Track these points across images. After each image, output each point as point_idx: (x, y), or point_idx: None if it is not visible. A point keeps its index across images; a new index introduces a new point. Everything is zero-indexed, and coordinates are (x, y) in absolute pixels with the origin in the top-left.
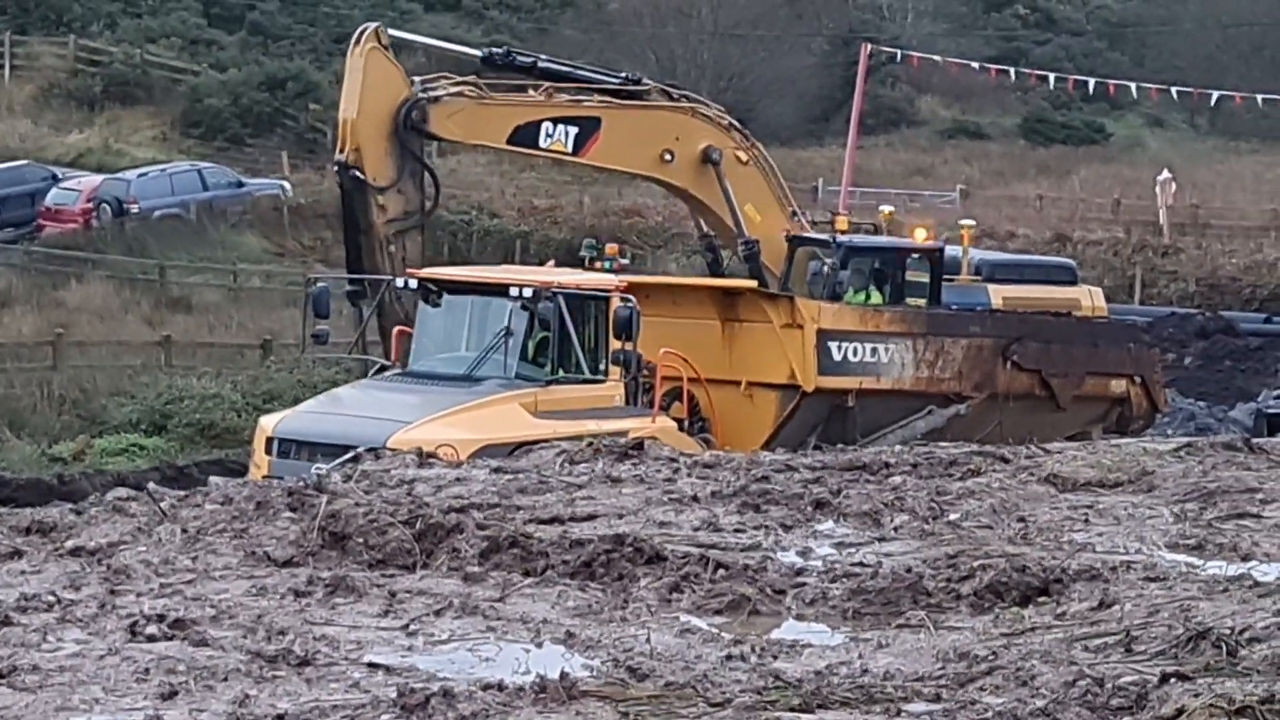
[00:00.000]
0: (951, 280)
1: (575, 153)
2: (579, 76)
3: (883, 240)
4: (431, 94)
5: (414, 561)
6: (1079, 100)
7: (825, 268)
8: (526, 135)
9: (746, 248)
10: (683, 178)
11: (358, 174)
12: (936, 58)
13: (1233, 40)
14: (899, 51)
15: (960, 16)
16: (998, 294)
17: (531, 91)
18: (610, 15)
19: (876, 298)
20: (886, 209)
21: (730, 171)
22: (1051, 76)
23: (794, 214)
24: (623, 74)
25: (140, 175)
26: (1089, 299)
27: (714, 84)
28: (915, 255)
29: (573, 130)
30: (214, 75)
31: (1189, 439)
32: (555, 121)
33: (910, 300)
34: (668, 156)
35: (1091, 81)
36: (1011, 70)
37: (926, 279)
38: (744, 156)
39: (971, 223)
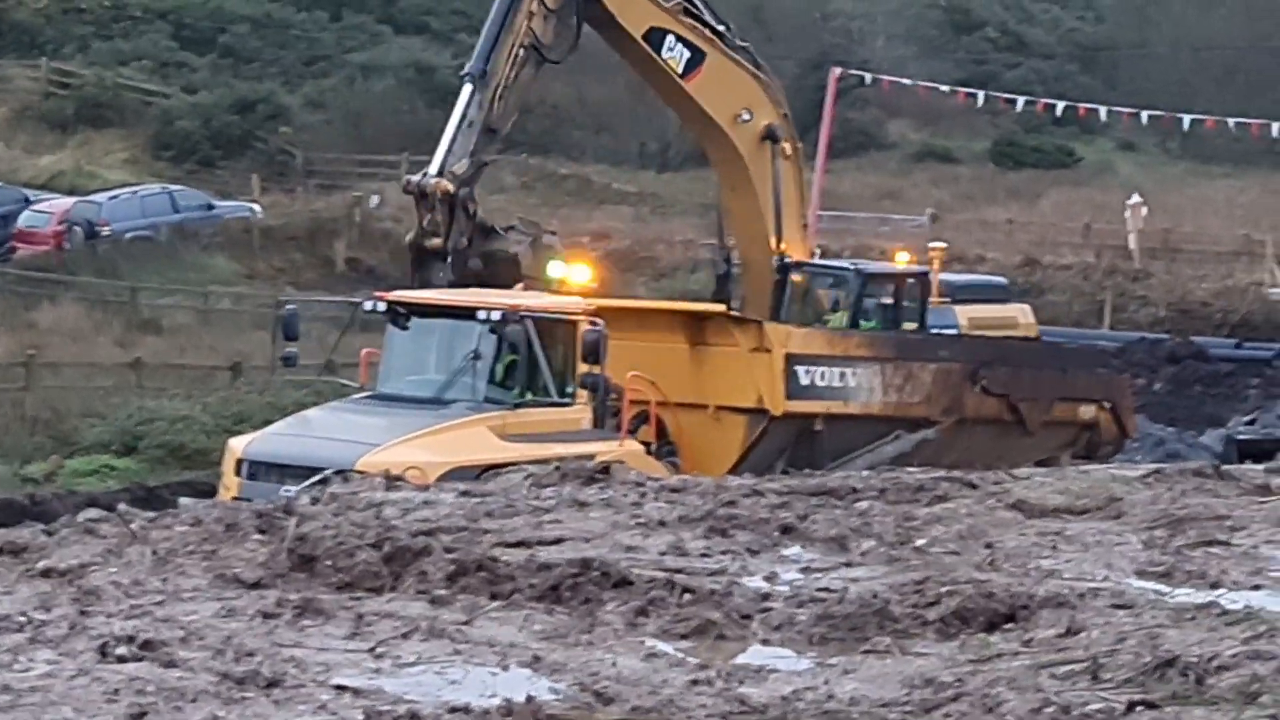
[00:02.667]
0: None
1: (683, 75)
2: (702, 6)
3: (894, 268)
4: None
5: (382, 584)
6: (1049, 124)
7: (842, 295)
8: (655, 38)
9: (780, 260)
10: (747, 146)
11: None
12: (906, 81)
13: (1205, 64)
14: (869, 75)
15: (930, 40)
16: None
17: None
18: (580, 38)
19: (836, 319)
20: (938, 245)
21: (780, 160)
22: (1021, 100)
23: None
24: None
25: (111, 197)
26: (1024, 317)
27: None
28: (910, 280)
29: (686, 53)
30: (185, 98)
31: (1158, 465)
32: (677, 38)
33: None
34: (745, 117)
35: (1061, 105)
36: (981, 94)
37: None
38: (789, 150)
39: (943, 245)
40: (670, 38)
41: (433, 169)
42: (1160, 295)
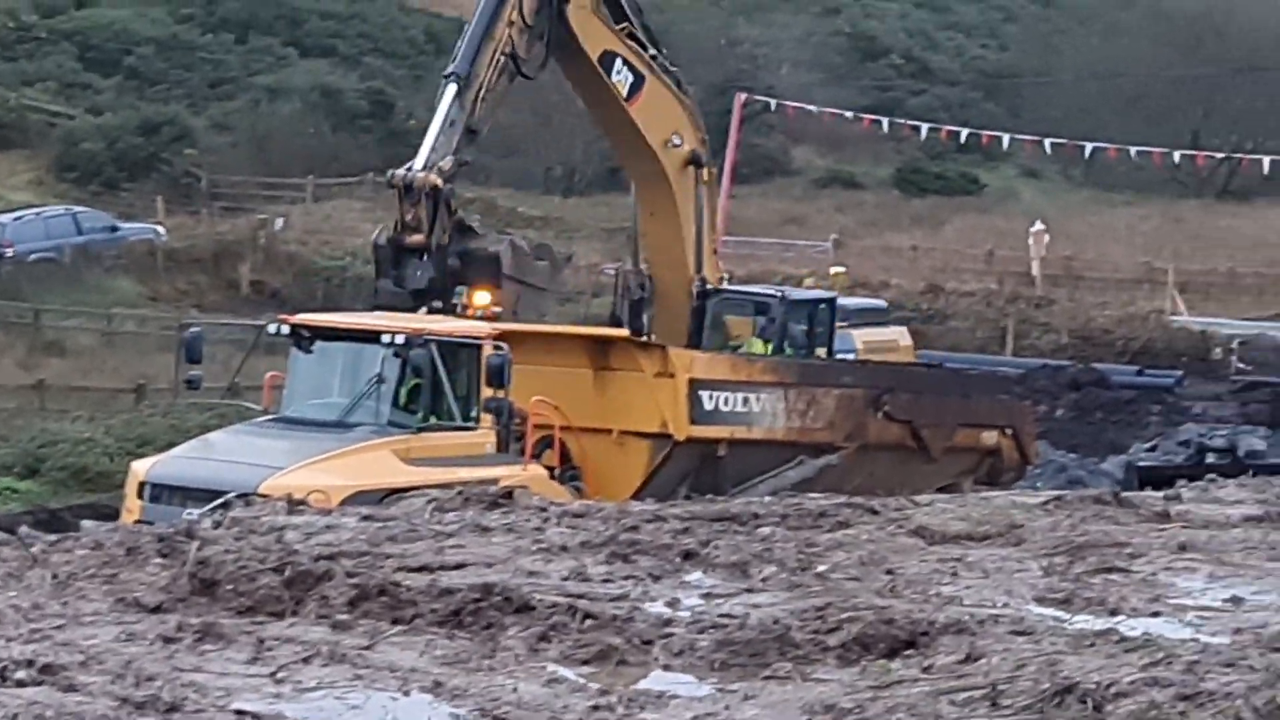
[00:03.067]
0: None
1: (627, 99)
2: (644, 29)
3: (813, 294)
4: None
5: (283, 609)
6: (953, 151)
7: (766, 321)
8: (606, 61)
9: (700, 286)
10: (674, 170)
11: None
12: (811, 107)
13: (1107, 92)
14: (774, 101)
15: (835, 67)
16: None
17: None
18: None
19: (760, 345)
20: (838, 269)
21: (700, 185)
22: (925, 127)
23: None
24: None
25: (15, 219)
26: (903, 339)
27: (589, 131)
28: (823, 306)
29: (630, 77)
30: (90, 119)
31: (1058, 492)
32: (624, 61)
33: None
34: (675, 141)
35: (965, 132)
36: (886, 120)
37: (806, 327)
38: (707, 176)
39: (843, 268)
40: (619, 61)
41: (418, 164)
42: (1063, 322)
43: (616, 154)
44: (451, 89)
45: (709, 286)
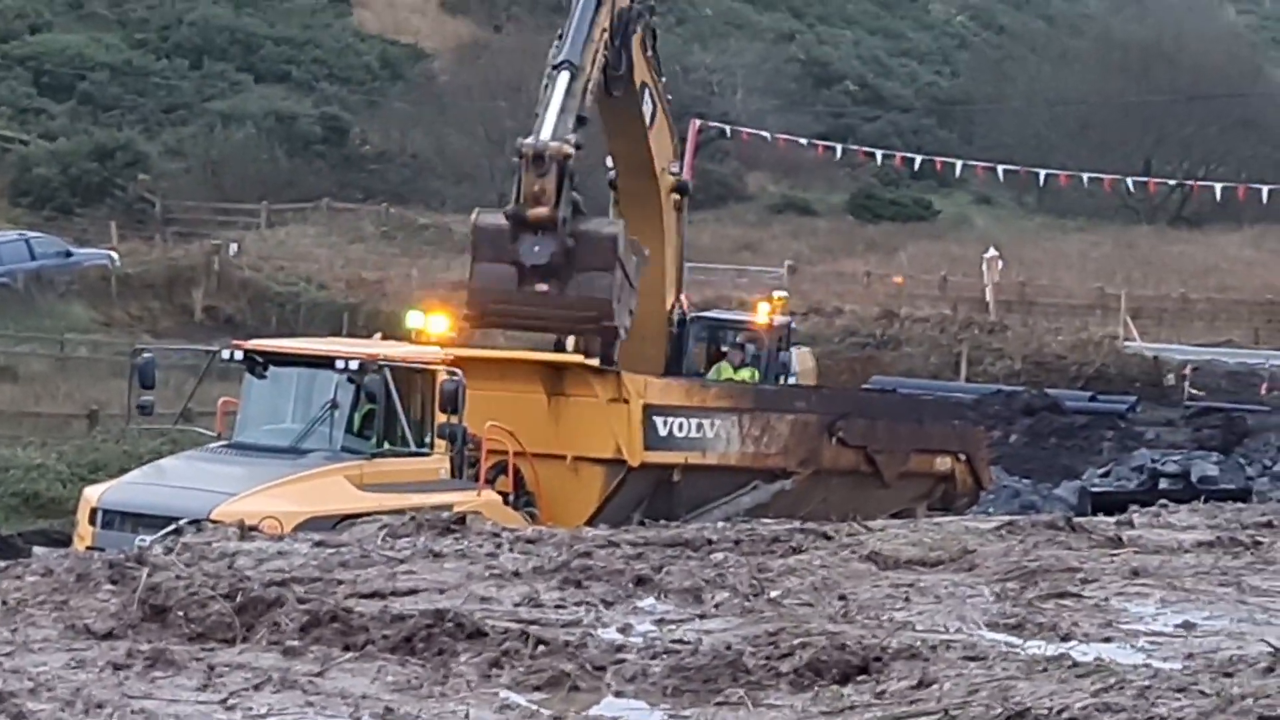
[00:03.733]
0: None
1: (649, 124)
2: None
3: (783, 320)
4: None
5: (234, 635)
6: (907, 177)
7: (751, 348)
8: (642, 91)
9: (681, 313)
10: (665, 197)
11: None
12: (765, 134)
13: (1059, 119)
14: (728, 127)
15: (790, 93)
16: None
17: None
18: (441, 88)
19: (746, 373)
20: (781, 294)
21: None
22: (879, 153)
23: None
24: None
25: None
26: (806, 361)
27: None
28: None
29: (651, 107)
30: (43, 144)
31: (1010, 518)
32: (651, 92)
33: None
34: (674, 169)
35: (919, 159)
36: (840, 147)
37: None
38: (681, 208)
39: (784, 293)
40: (649, 91)
41: (544, 135)
42: (1016, 348)
43: (622, 182)
44: (565, 75)
45: (690, 314)
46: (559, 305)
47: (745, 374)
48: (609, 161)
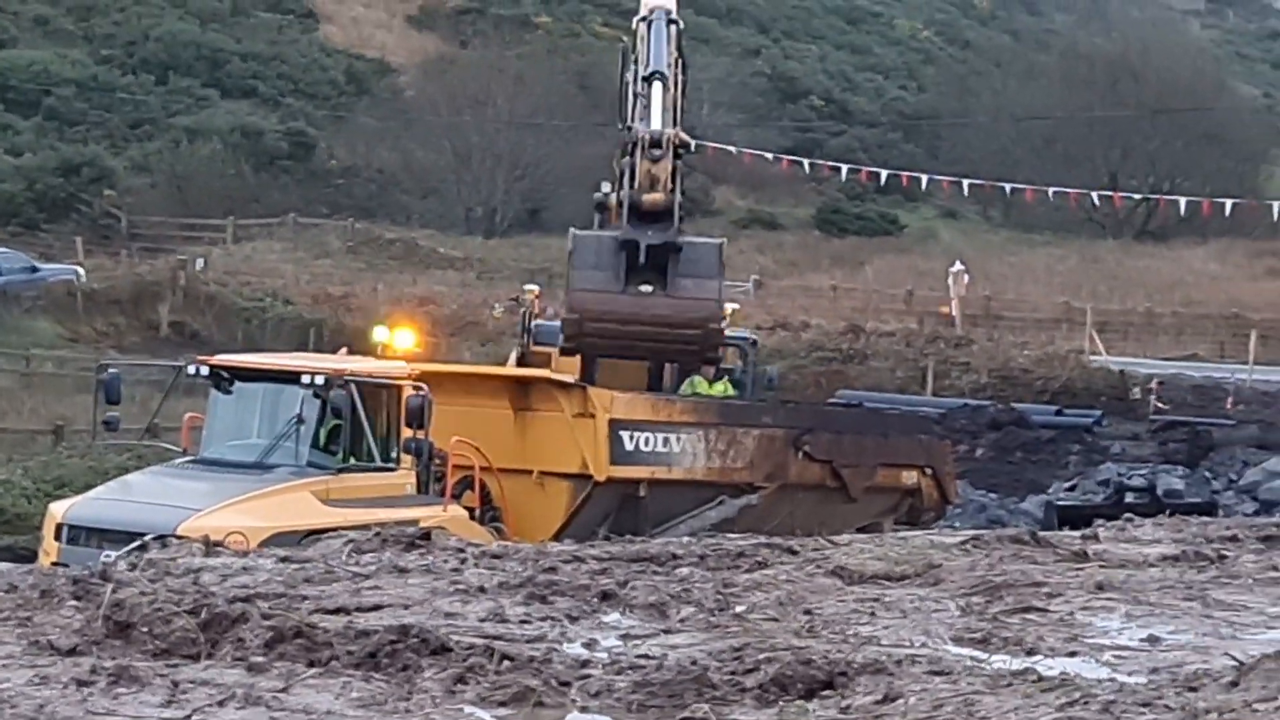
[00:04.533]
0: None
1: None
2: None
3: (743, 334)
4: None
5: (198, 651)
6: (873, 192)
7: (749, 365)
8: None
9: None
10: None
11: None
12: (731, 148)
13: (1025, 133)
14: (694, 141)
15: (756, 108)
16: None
17: None
18: (406, 103)
19: (720, 387)
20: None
21: None
22: (845, 168)
23: None
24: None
25: None
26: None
27: (510, 172)
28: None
29: None
30: (9, 160)
31: (976, 532)
32: None
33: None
34: None
35: (885, 173)
36: (806, 161)
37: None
38: None
39: (736, 306)
40: None
41: (656, 124)
42: (982, 362)
43: None
44: (658, 85)
45: None
46: (664, 306)
47: (720, 388)
48: (604, 186)
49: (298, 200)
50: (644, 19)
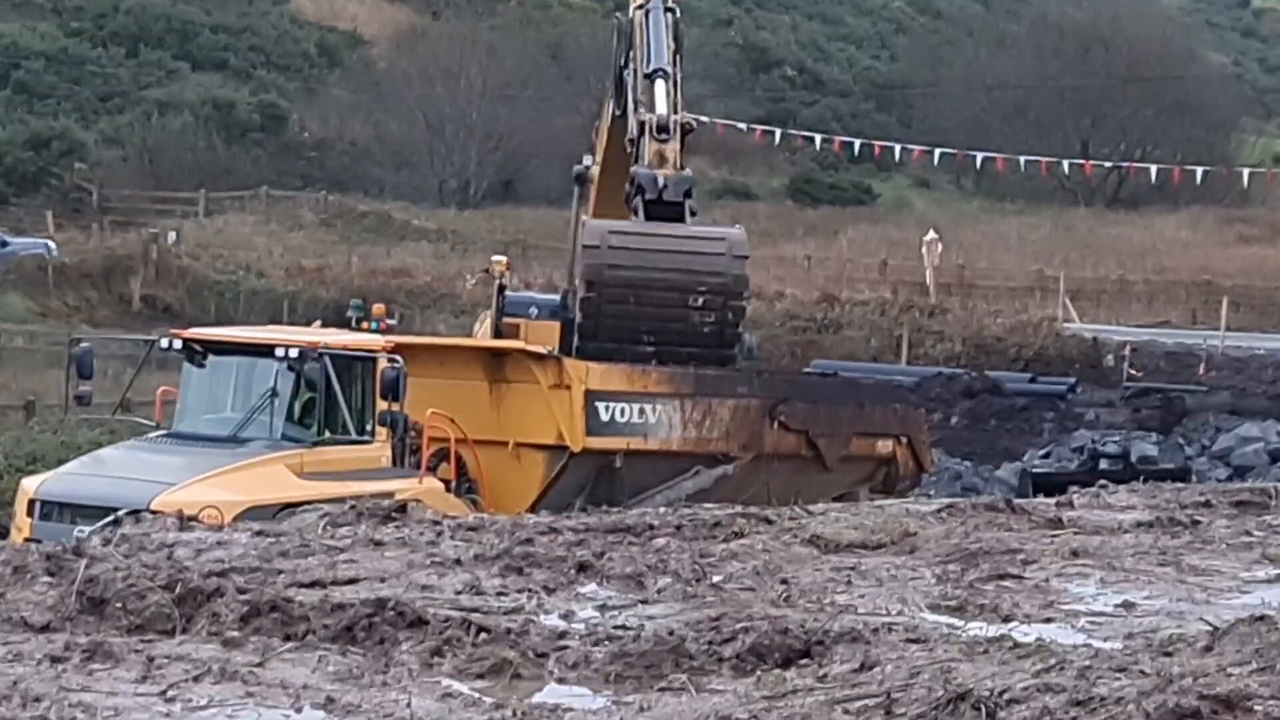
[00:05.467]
0: None
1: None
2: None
3: None
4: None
5: (173, 626)
6: (846, 161)
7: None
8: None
9: None
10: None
11: None
12: (705, 119)
13: (997, 102)
14: (697, 119)
15: (728, 78)
16: None
17: None
18: (379, 75)
19: None
20: None
21: None
22: (818, 138)
23: None
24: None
25: None
26: None
27: (483, 145)
28: None
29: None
30: None
31: (951, 500)
32: None
33: None
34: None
35: (858, 143)
36: (779, 131)
37: None
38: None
39: None
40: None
41: (662, 110)
42: (956, 330)
43: (604, 179)
44: (660, 83)
45: None
46: (689, 237)
47: None
48: (586, 159)
49: (270, 173)
50: (641, 7)
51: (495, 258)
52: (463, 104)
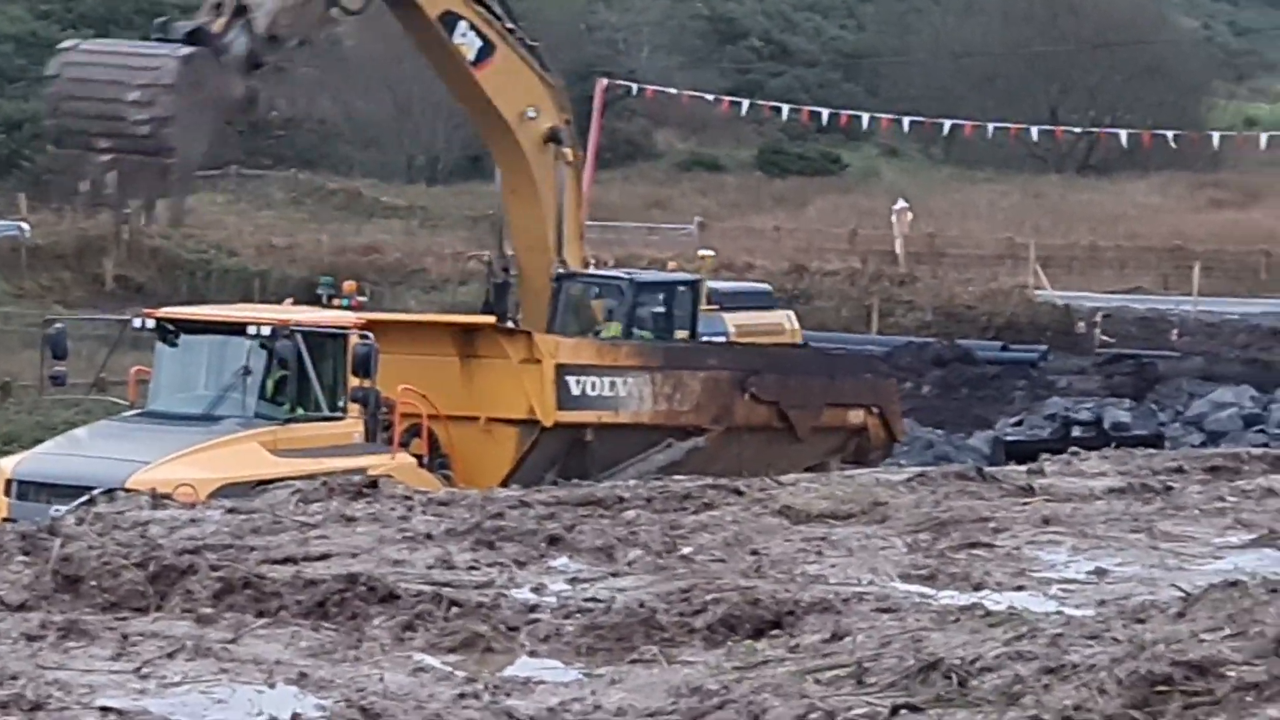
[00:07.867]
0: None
1: (474, 64)
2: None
3: (667, 276)
4: None
5: (147, 604)
6: (814, 131)
7: (616, 305)
8: (449, 22)
9: (558, 269)
10: (531, 146)
11: None
12: (672, 90)
13: (965, 70)
14: (635, 85)
15: (695, 50)
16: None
17: None
18: (346, 53)
19: (615, 330)
20: (706, 252)
21: (562, 165)
22: (786, 108)
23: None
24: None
25: None
26: (789, 323)
27: (449, 121)
28: (682, 288)
29: (478, 42)
30: None
31: (921, 469)
32: (470, 24)
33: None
34: (530, 114)
35: (825, 112)
36: (746, 102)
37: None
38: (571, 157)
39: (710, 252)
40: (463, 23)
41: None
42: (926, 299)
43: (475, 128)
44: None
45: (562, 270)
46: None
47: (616, 329)
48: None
49: (239, 152)
50: None
51: (703, 251)
52: (429, 81)
